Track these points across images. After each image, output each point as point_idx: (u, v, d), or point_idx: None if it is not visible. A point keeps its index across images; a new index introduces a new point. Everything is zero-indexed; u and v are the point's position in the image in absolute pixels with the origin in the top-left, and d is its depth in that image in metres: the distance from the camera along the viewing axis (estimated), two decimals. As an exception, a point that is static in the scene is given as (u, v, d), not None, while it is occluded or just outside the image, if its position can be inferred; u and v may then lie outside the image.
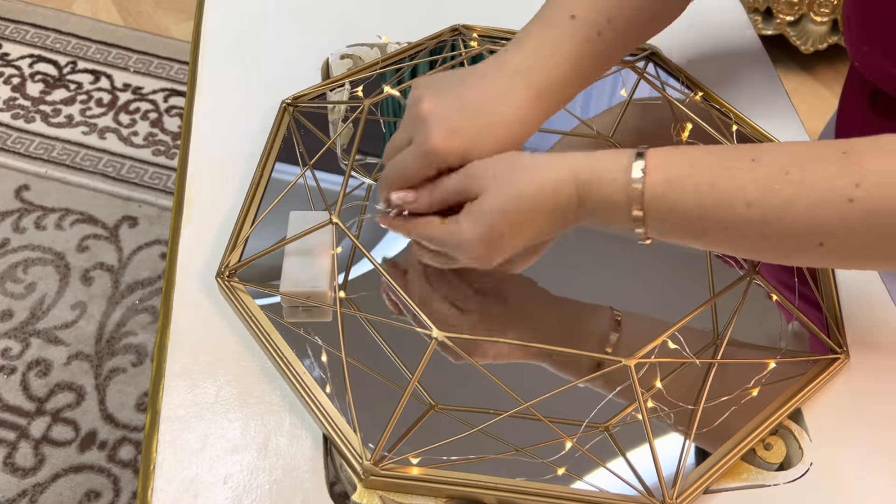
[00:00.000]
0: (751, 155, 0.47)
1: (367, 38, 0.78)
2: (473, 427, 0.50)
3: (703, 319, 0.59)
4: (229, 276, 0.58)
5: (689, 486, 0.50)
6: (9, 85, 1.63)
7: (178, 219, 0.63)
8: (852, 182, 0.44)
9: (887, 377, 0.58)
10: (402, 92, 0.63)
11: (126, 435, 1.19)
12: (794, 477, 0.52)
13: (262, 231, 0.61)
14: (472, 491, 0.49)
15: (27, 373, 1.24)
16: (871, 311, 0.61)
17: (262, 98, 0.71)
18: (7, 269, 1.35)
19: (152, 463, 0.51)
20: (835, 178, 0.44)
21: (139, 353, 1.27)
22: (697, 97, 0.69)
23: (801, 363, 0.57)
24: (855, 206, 0.43)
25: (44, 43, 1.72)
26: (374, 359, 0.56)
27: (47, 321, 1.30)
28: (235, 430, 0.52)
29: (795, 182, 0.45)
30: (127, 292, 1.34)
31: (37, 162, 1.51)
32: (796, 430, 0.55)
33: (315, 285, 0.57)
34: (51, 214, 1.43)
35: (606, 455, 0.52)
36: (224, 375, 0.55)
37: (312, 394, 0.53)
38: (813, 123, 0.82)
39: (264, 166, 0.65)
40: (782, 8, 1.66)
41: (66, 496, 1.13)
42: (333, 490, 0.51)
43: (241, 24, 0.79)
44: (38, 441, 1.18)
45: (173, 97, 1.64)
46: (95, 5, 1.82)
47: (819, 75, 1.76)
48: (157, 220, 1.44)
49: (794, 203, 0.45)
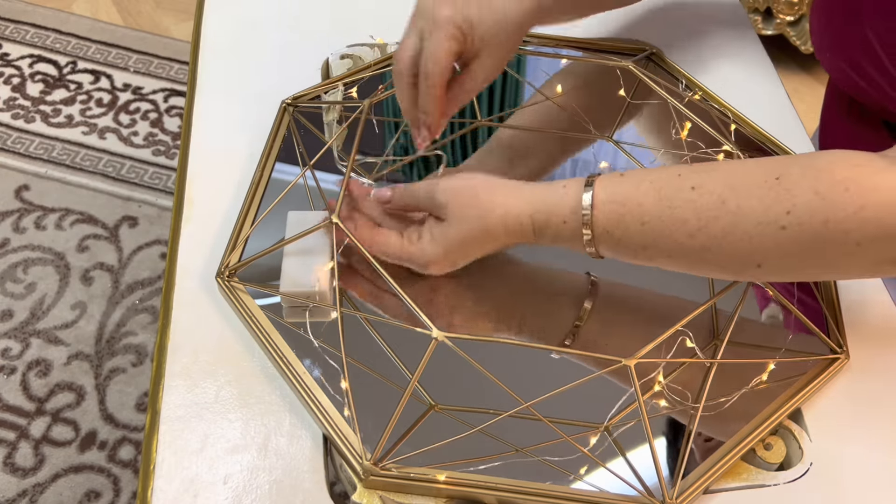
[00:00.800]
0: (690, 183, 0.50)
1: (368, 38, 0.78)
2: (473, 427, 0.50)
3: (704, 320, 0.59)
4: (229, 276, 0.58)
5: (689, 486, 0.50)
6: (9, 85, 1.63)
7: (178, 219, 0.63)
8: (784, 210, 0.47)
9: (887, 377, 0.58)
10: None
11: (126, 435, 1.19)
12: (794, 477, 0.52)
13: (261, 231, 0.61)
14: (472, 491, 0.49)
15: (27, 373, 1.24)
16: (871, 311, 0.61)
17: (262, 98, 0.71)
18: (7, 269, 1.35)
19: (152, 463, 0.51)
20: (767, 207, 0.47)
21: (139, 353, 1.27)
22: (697, 97, 0.69)
23: (800, 363, 0.57)
24: (787, 232, 0.47)
25: (44, 43, 1.72)
26: (374, 359, 0.56)
27: (47, 321, 1.30)
28: (235, 430, 0.52)
29: (732, 211, 0.48)
30: (127, 292, 1.34)
31: (37, 162, 1.51)
32: (796, 430, 0.55)
33: (315, 285, 0.57)
34: (51, 214, 1.43)
35: (606, 455, 0.52)
36: (224, 375, 0.55)
37: (312, 394, 0.53)
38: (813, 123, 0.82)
39: (264, 166, 0.65)
40: (782, 8, 1.66)
41: (66, 496, 1.13)
42: (333, 490, 0.51)
43: (241, 25, 0.79)
44: (38, 441, 1.18)
45: (173, 97, 1.64)
46: (95, 5, 1.82)
47: (819, 75, 1.76)
48: (157, 220, 1.44)
49: (731, 231, 0.48)
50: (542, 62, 0.79)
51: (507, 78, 0.78)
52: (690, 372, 0.57)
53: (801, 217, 0.46)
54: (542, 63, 0.78)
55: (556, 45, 0.79)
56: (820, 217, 0.46)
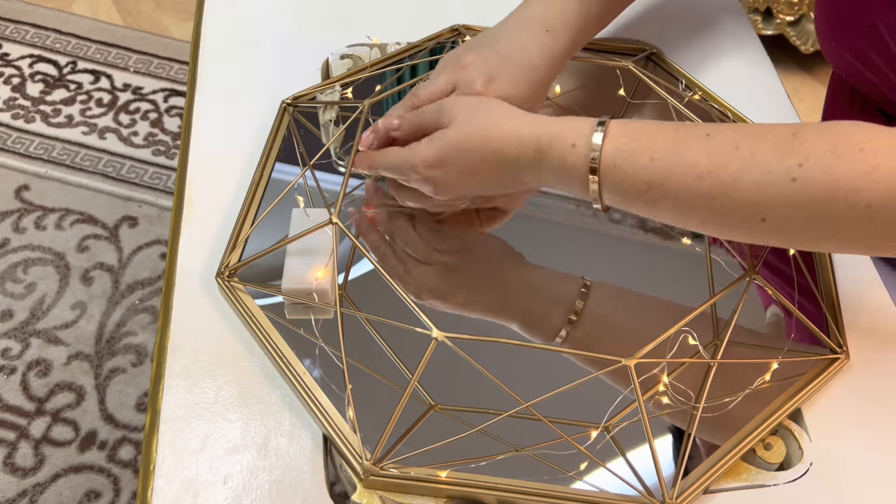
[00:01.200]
0: (706, 130, 0.49)
1: (367, 38, 0.78)
2: (473, 427, 0.50)
3: (703, 319, 0.59)
4: (229, 276, 0.58)
5: (689, 486, 0.50)
6: (9, 85, 1.63)
7: (178, 219, 0.63)
8: (796, 162, 0.46)
9: (887, 377, 0.58)
10: (399, 93, 0.64)
11: (126, 435, 1.19)
12: (794, 477, 0.52)
13: (261, 231, 0.61)
14: (472, 491, 0.49)
15: (27, 373, 1.24)
16: (871, 311, 0.61)
17: (262, 98, 0.71)
18: (7, 269, 1.35)
19: (152, 463, 0.51)
20: (781, 157, 0.46)
21: (139, 353, 1.27)
22: (697, 97, 0.69)
23: (800, 363, 0.57)
24: (797, 185, 0.46)
25: (44, 43, 1.72)
26: (374, 359, 0.56)
27: (47, 321, 1.30)
28: (235, 430, 0.52)
29: (744, 156, 0.47)
30: (127, 292, 1.34)
31: (37, 162, 1.51)
32: (796, 430, 0.55)
33: (316, 283, 0.57)
34: (51, 214, 1.43)
35: (606, 455, 0.52)
36: (224, 375, 0.55)
37: (312, 394, 0.53)
38: (813, 123, 0.82)
39: (264, 166, 0.65)
40: (782, 8, 1.66)
41: (66, 496, 1.13)
42: (333, 490, 0.51)
43: (241, 24, 0.79)
44: (38, 441, 1.18)
45: (173, 97, 1.64)
46: (95, 5, 1.82)
47: (819, 75, 1.76)
48: (157, 220, 1.44)
49: (741, 178, 0.47)
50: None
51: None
52: (690, 372, 0.57)
53: (813, 171, 0.45)
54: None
55: (556, 45, 0.78)
56: (832, 173, 0.45)
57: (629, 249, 0.66)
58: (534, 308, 0.61)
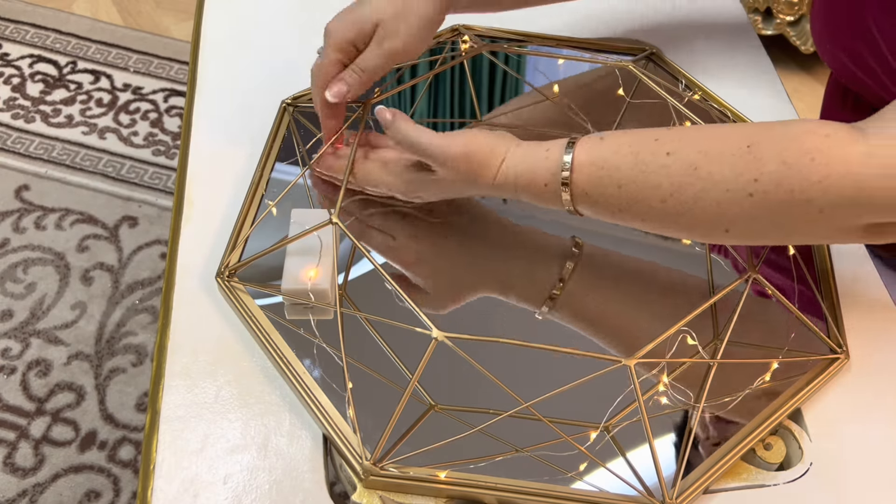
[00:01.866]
0: (666, 148, 0.52)
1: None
2: (473, 427, 0.50)
3: (703, 319, 0.59)
4: (229, 276, 0.58)
5: (689, 486, 0.50)
6: (9, 85, 1.63)
7: (178, 219, 0.63)
8: (752, 177, 0.49)
9: (887, 377, 0.58)
10: (400, 93, 0.63)
11: (126, 435, 1.19)
12: (794, 477, 0.52)
13: (261, 231, 0.61)
14: (472, 491, 0.49)
15: (27, 373, 1.24)
16: (871, 311, 0.61)
17: (262, 98, 0.71)
18: (7, 269, 1.35)
19: (152, 463, 0.51)
20: (736, 173, 0.49)
21: (139, 353, 1.27)
22: (697, 97, 0.69)
23: (800, 363, 0.57)
24: (754, 199, 0.49)
25: (44, 43, 1.72)
26: (374, 359, 0.56)
27: (47, 321, 1.30)
28: (235, 430, 0.52)
29: (703, 178, 0.50)
30: (127, 292, 1.34)
31: (37, 162, 1.51)
32: (796, 430, 0.55)
33: (316, 283, 0.57)
34: (51, 214, 1.43)
35: (606, 455, 0.52)
36: (224, 375, 0.55)
37: (312, 394, 0.53)
38: (813, 123, 0.82)
39: (264, 166, 0.65)
40: (782, 8, 1.66)
41: (66, 496, 1.13)
42: (333, 490, 0.51)
43: (240, 24, 0.79)
44: (38, 441, 1.18)
45: (173, 97, 1.64)
46: (95, 5, 1.82)
47: (819, 75, 1.76)
48: (157, 220, 1.44)
49: (701, 198, 0.50)
50: (541, 62, 0.79)
51: (507, 78, 0.78)
52: (689, 373, 0.57)
53: (768, 185, 0.48)
54: (542, 63, 0.79)
55: (556, 45, 0.79)
56: (785, 186, 0.48)
57: (630, 249, 0.66)
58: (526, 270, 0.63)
